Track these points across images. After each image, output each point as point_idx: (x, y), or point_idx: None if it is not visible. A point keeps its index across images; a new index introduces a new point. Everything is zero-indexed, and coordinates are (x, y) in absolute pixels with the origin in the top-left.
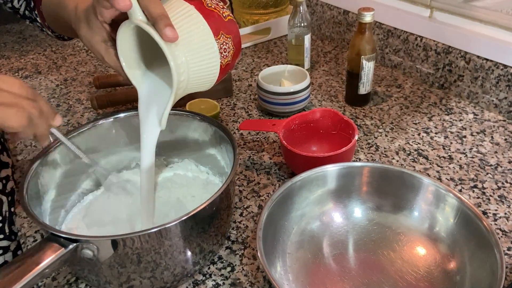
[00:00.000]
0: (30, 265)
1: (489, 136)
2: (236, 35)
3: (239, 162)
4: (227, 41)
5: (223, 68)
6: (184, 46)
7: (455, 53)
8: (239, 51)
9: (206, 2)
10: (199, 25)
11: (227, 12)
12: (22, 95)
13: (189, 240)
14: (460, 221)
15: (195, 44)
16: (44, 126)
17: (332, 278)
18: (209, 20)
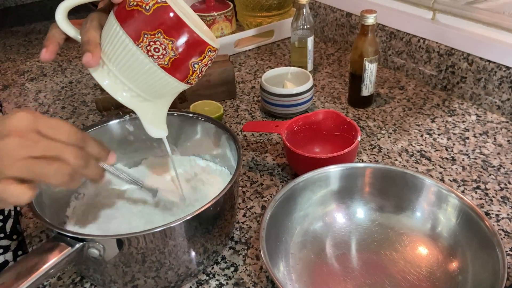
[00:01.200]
0: (37, 264)
1: (492, 137)
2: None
3: (242, 164)
4: (154, 38)
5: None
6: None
7: (458, 55)
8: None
9: (129, 2)
10: (119, 37)
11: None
12: (69, 142)
13: (193, 240)
14: (462, 221)
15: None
16: (95, 171)
17: (335, 278)
18: (126, 26)
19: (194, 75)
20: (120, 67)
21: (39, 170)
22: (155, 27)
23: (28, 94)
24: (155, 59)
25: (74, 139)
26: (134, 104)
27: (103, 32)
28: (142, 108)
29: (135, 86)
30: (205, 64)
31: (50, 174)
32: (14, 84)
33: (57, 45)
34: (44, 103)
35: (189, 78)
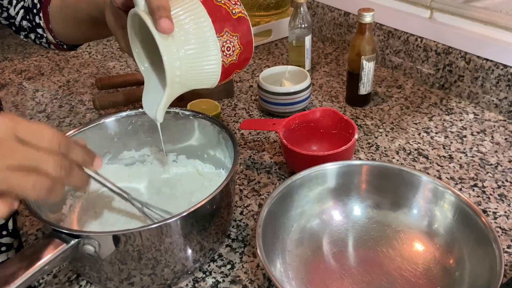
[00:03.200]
0: (32, 260)
1: (490, 135)
2: (245, 34)
3: (239, 162)
4: (232, 39)
5: (227, 67)
6: (181, 40)
7: (455, 53)
8: (249, 51)
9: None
10: (201, 20)
11: (238, 9)
12: (51, 150)
13: (190, 237)
14: (459, 218)
15: (194, 39)
16: (78, 178)
17: (331, 276)
18: (213, 15)
19: (224, 82)
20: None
21: (16, 183)
22: (236, 31)
23: (25, 93)
24: (223, 56)
25: (56, 146)
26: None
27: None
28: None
29: (186, 67)
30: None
31: (27, 188)
32: (12, 83)
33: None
34: (41, 102)
35: (223, 81)
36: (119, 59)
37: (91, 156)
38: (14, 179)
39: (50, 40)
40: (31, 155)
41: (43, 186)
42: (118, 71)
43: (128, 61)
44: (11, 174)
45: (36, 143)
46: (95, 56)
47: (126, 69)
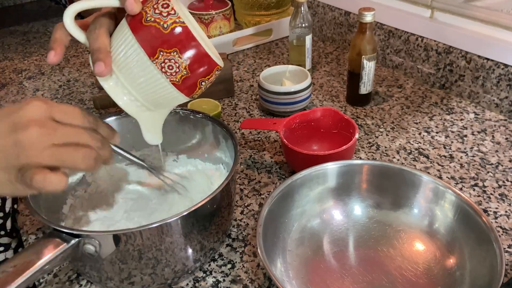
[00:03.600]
0: (32, 260)
1: (490, 135)
2: (186, 45)
3: (240, 161)
4: (169, 56)
5: (181, 83)
6: (124, 74)
7: (456, 53)
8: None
9: (146, 16)
10: (132, 50)
11: (171, 20)
12: (84, 126)
13: (190, 237)
14: (459, 217)
15: (134, 71)
16: (108, 151)
17: (332, 275)
18: (142, 40)
19: (200, 91)
20: (129, 77)
21: (67, 157)
22: (172, 46)
23: (25, 93)
24: (167, 76)
25: (87, 123)
26: (136, 112)
27: (114, 40)
28: (143, 117)
29: (141, 97)
30: (211, 81)
31: (79, 160)
32: (12, 83)
33: (63, 48)
34: None
35: (194, 94)
36: None
37: (113, 131)
38: (64, 154)
39: None
40: (71, 131)
41: (91, 156)
42: None
43: None
44: (61, 150)
45: (70, 122)
46: None
47: None
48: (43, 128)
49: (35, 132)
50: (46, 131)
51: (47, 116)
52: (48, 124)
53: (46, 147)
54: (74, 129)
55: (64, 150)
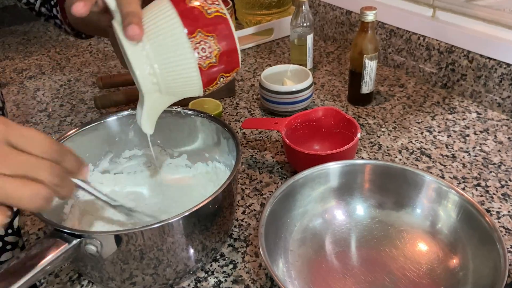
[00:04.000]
0: (33, 260)
1: (493, 135)
2: (223, 34)
3: (241, 161)
4: (206, 39)
5: (206, 70)
6: (153, 45)
7: (458, 52)
8: (231, 52)
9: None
10: (171, 23)
11: (215, 8)
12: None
13: (192, 237)
14: (462, 217)
15: (165, 43)
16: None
17: (334, 275)
18: (185, 17)
19: (214, 86)
20: (158, 49)
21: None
22: (211, 31)
23: (26, 92)
24: (197, 58)
25: (50, 152)
26: (148, 90)
27: (148, 11)
28: (151, 97)
29: (161, 73)
30: (225, 81)
31: (26, 198)
32: (13, 82)
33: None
34: (42, 101)
35: (208, 88)
36: None
37: (79, 164)
38: (10, 187)
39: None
40: (26, 162)
41: (41, 196)
42: (119, 70)
43: None
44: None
45: (29, 149)
46: (96, 55)
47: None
48: None
49: None
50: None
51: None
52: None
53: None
54: (30, 159)
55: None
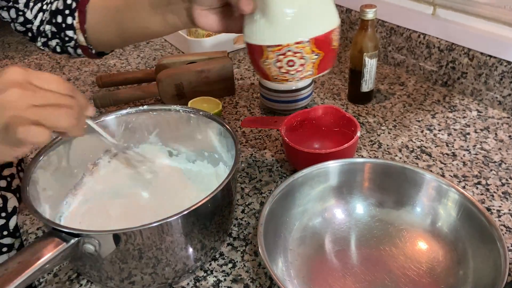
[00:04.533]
0: (31, 259)
1: (493, 133)
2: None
3: (241, 160)
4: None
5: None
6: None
7: (459, 50)
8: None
9: None
10: None
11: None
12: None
13: (191, 236)
14: (462, 216)
15: None
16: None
17: (334, 274)
18: None
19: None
20: None
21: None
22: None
23: None
24: None
25: (65, 89)
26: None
27: None
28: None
29: None
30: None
31: (61, 117)
32: None
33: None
34: None
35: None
36: (120, 57)
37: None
38: (46, 111)
39: (80, 43)
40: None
41: (73, 115)
42: (118, 69)
43: (129, 59)
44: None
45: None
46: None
47: (126, 67)
48: (24, 90)
49: (16, 92)
50: (27, 92)
51: (26, 80)
52: (28, 87)
53: (28, 106)
54: (53, 94)
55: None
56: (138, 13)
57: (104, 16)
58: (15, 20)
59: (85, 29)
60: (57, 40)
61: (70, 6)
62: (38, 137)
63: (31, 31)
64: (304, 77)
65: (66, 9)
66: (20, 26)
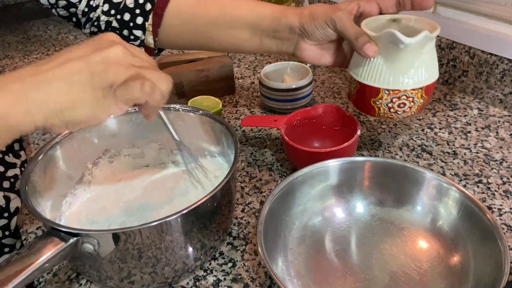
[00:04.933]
0: (30, 259)
1: (494, 131)
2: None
3: (241, 159)
4: None
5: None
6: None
7: (459, 48)
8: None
9: None
10: None
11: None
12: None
13: (190, 235)
14: (463, 214)
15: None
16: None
17: (334, 273)
18: None
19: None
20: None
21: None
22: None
23: None
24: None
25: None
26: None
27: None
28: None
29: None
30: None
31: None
32: None
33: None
34: None
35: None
36: None
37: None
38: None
39: (147, 44)
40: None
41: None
42: None
43: None
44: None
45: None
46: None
47: None
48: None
49: (121, 49)
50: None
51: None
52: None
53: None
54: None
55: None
56: (235, 31)
57: (187, 23)
58: (55, 5)
59: (157, 32)
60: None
61: (143, 6)
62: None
63: (75, 16)
64: (406, 116)
65: (137, 8)
66: (63, 10)
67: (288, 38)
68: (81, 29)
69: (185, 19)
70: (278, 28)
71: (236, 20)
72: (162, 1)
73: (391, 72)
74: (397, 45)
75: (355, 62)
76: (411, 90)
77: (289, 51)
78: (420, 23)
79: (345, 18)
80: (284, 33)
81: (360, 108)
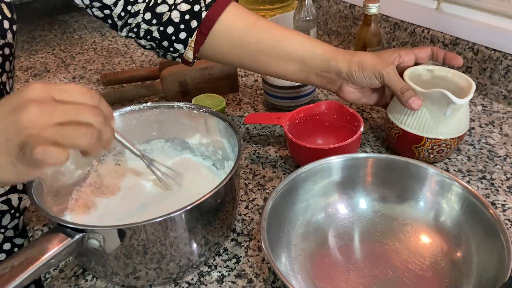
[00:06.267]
0: (36, 255)
1: (498, 127)
2: None
3: (245, 156)
4: None
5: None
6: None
7: (463, 44)
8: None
9: None
10: None
11: None
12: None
13: (195, 232)
14: (466, 210)
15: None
16: (110, 130)
17: (337, 269)
18: None
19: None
20: None
21: (68, 134)
22: None
23: None
24: None
25: (88, 99)
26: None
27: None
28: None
29: None
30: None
31: (81, 137)
32: (18, 80)
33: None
34: None
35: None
36: (124, 55)
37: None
38: (65, 130)
39: (186, 58)
40: (71, 109)
41: (93, 134)
42: (123, 67)
43: (133, 57)
44: (61, 128)
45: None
46: (101, 52)
47: (131, 65)
48: (43, 106)
49: (35, 109)
50: (46, 109)
51: (47, 96)
52: (47, 103)
53: (46, 125)
54: (75, 106)
55: (64, 127)
56: (284, 63)
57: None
58: (90, 5)
59: (199, 49)
60: (152, 43)
61: (189, 22)
62: (56, 158)
63: (111, 18)
64: (441, 160)
65: (182, 23)
66: (98, 11)
67: (334, 80)
68: (117, 31)
69: (235, 43)
70: (327, 70)
71: (287, 54)
72: (209, 21)
73: (435, 123)
74: (445, 103)
75: (397, 108)
76: (451, 139)
77: (332, 90)
78: (456, 76)
79: (393, 73)
80: (331, 74)
81: (399, 151)
